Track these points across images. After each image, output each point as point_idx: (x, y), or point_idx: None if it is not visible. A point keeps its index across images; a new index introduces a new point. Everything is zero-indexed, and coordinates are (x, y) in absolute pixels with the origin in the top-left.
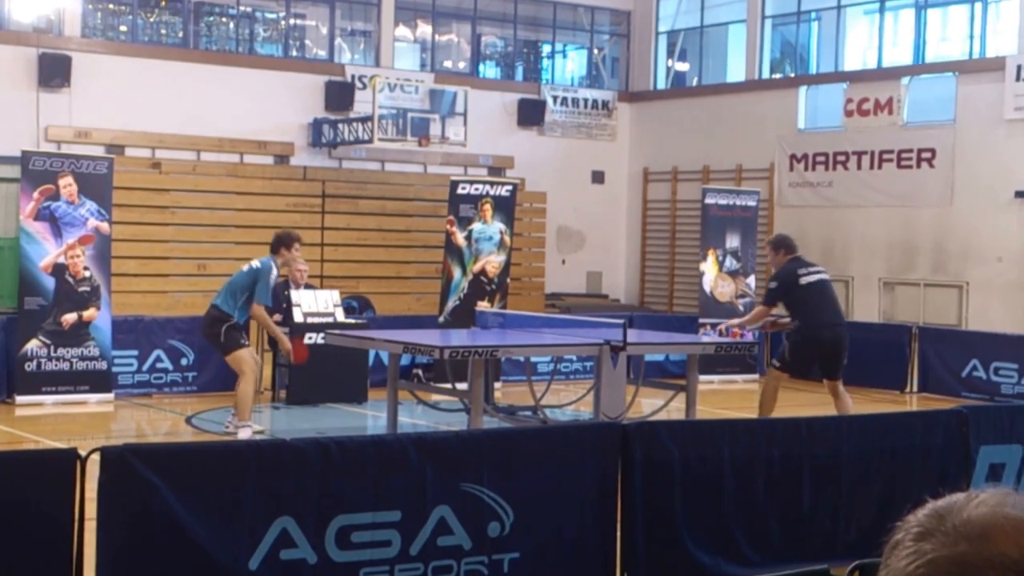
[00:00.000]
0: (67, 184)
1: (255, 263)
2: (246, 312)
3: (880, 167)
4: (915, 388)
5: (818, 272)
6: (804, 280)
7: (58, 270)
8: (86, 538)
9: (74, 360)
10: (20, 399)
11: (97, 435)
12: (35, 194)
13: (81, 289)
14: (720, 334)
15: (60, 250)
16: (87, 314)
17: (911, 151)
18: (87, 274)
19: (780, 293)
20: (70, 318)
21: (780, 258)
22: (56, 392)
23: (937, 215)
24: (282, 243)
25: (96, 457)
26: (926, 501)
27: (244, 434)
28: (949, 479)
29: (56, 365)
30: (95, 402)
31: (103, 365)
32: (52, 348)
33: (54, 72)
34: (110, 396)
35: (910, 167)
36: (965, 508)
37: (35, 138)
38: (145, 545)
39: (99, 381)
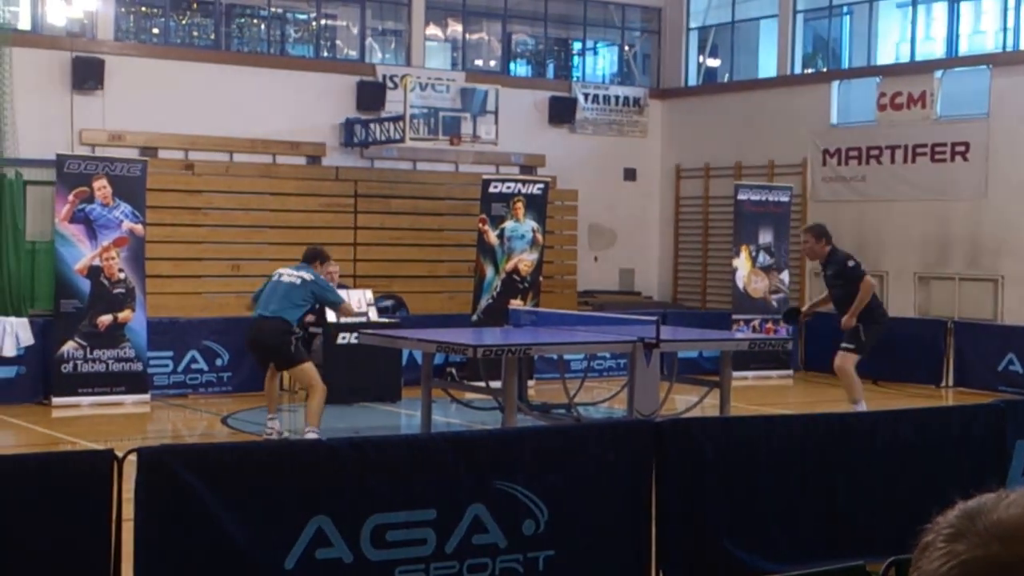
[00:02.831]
0: (101, 186)
1: (306, 275)
2: (300, 322)
3: (913, 161)
4: (951, 383)
5: None
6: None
7: (93, 272)
8: (124, 538)
9: (110, 361)
10: (57, 401)
11: (133, 436)
12: (70, 197)
13: (116, 291)
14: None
15: (95, 252)
16: (122, 316)
17: (945, 145)
18: (122, 276)
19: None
20: (105, 320)
21: (822, 248)
22: (92, 393)
23: (971, 209)
24: (317, 257)
25: (133, 458)
26: (956, 502)
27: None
28: (986, 473)
29: (92, 367)
30: (131, 403)
31: (139, 366)
32: (88, 350)
33: (87, 75)
34: (146, 397)
35: (944, 161)
36: (996, 509)
37: (69, 141)
38: (182, 545)
39: (135, 382)
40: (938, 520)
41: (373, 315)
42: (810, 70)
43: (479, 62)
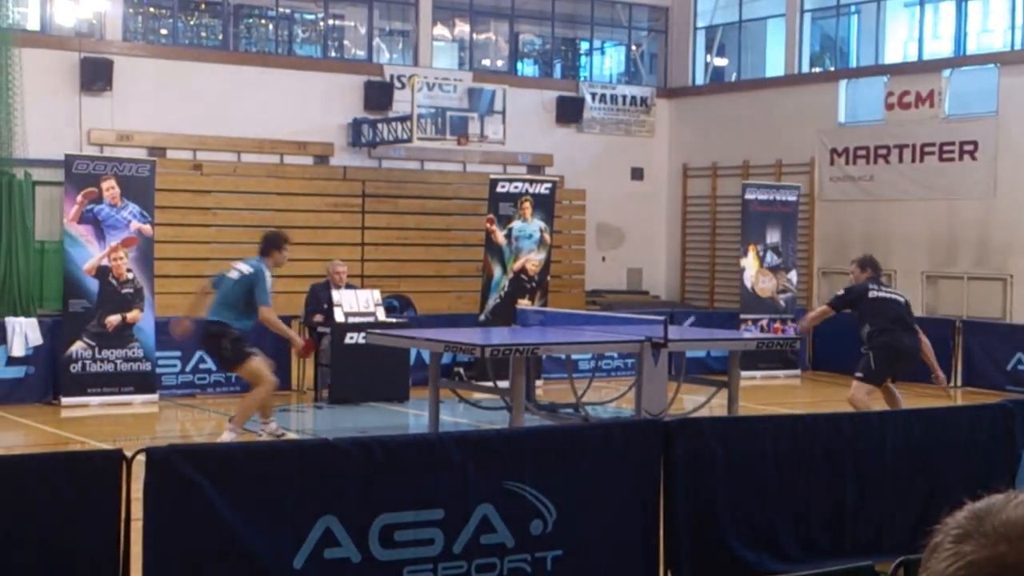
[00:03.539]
0: (110, 187)
1: (244, 268)
2: (248, 320)
3: (922, 160)
4: (959, 382)
5: (891, 292)
6: (872, 294)
7: (102, 272)
8: (132, 538)
9: (118, 361)
10: (65, 400)
11: (142, 436)
12: (78, 197)
13: (124, 291)
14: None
15: (103, 252)
16: (130, 316)
17: (953, 144)
18: (130, 276)
19: (845, 300)
20: (114, 320)
21: (862, 275)
22: (101, 393)
23: (980, 208)
24: (272, 245)
25: (141, 458)
26: (964, 503)
27: (227, 437)
28: (994, 474)
29: (101, 367)
30: (140, 403)
31: (147, 366)
32: (96, 350)
33: (96, 76)
34: (154, 397)
35: (952, 160)
36: (1004, 509)
37: (78, 141)
38: (190, 545)
39: (143, 382)
40: (947, 521)
41: (381, 315)
42: (818, 69)
43: (486, 62)
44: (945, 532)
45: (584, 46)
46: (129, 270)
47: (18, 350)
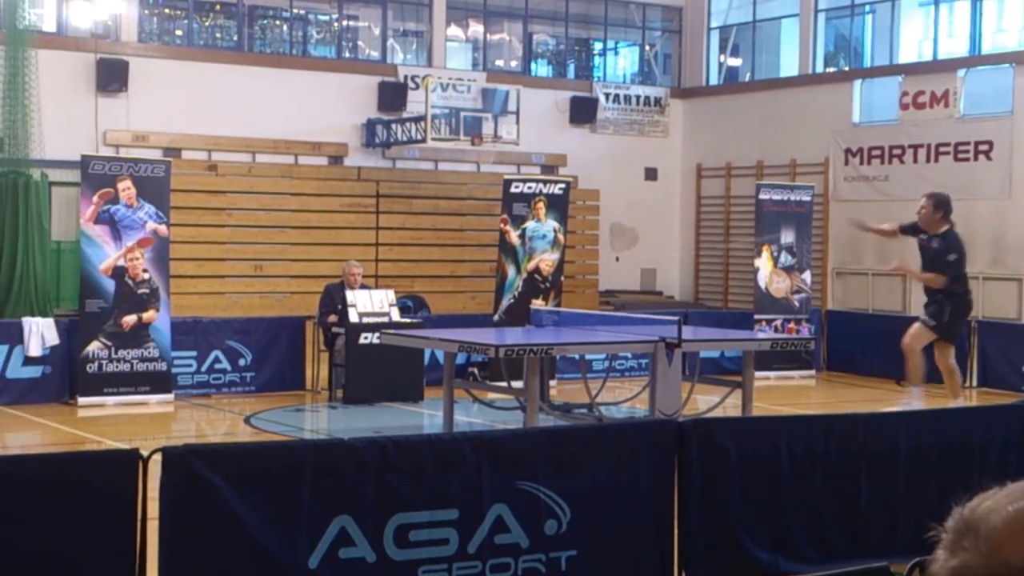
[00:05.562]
0: (126, 187)
1: None
2: None
3: (937, 160)
4: (975, 383)
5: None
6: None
7: (118, 272)
8: (148, 537)
9: (134, 361)
10: (82, 400)
11: (158, 435)
12: (95, 198)
13: (140, 291)
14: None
15: (119, 253)
16: (146, 316)
17: (968, 144)
18: (146, 276)
19: (953, 246)
20: (130, 320)
21: (939, 220)
22: (117, 393)
23: (995, 208)
24: None
25: (158, 457)
26: (959, 505)
27: None
28: (1010, 474)
29: (117, 367)
30: (155, 403)
31: (163, 366)
32: (113, 350)
33: (112, 77)
34: (170, 397)
35: (967, 160)
36: (988, 515)
37: (94, 142)
38: (206, 544)
39: (159, 382)
40: (946, 523)
41: (395, 315)
42: (832, 69)
43: (500, 62)
44: (942, 535)
45: (598, 46)
46: (145, 270)
47: (35, 350)
